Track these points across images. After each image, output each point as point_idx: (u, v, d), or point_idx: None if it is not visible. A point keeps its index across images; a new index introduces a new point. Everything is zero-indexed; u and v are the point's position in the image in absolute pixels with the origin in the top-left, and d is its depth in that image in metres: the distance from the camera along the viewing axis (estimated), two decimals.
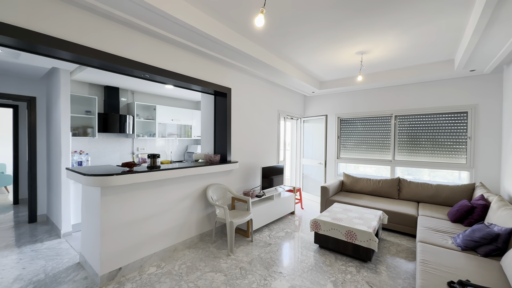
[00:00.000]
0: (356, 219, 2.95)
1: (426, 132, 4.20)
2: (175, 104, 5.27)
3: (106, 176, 2.06)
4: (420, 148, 4.25)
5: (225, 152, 3.46)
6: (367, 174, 4.96)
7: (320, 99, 5.38)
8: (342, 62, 3.66)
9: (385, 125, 4.61)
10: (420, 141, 4.26)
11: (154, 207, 2.60)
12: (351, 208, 3.39)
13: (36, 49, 1.88)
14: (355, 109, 4.89)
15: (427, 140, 4.19)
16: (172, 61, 2.69)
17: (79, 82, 3.88)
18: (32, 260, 2.57)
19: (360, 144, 4.90)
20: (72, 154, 3.52)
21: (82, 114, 3.82)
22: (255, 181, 4.05)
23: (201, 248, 2.89)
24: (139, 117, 4.50)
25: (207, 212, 3.21)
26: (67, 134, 3.20)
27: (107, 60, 2.13)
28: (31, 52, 1.93)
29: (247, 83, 3.83)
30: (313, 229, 2.95)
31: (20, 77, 3.57)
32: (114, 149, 4.28)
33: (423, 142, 4.23)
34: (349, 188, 4.57)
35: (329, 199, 4.11)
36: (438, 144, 4.10)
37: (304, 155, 5.55)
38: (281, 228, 3.60)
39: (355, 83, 4.44)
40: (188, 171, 2.80)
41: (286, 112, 4.91)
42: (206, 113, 3.75)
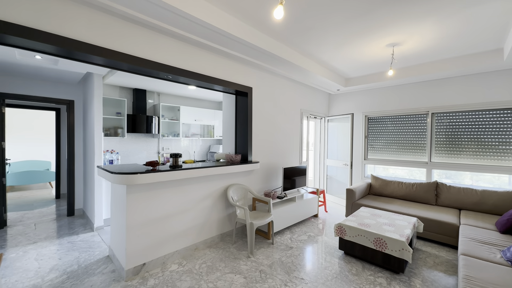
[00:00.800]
0: (386, 225, 2.72)
1: (469, 131, 3.75)
2: (198, 105, 5.39)
3: (131, 175, 2.14)
4: (462, 149, 3.82)
5: (246, 152, 3.43)
6: (398, 176, 4.59)
7: (345, 97, 5.12)
8: (370, 57, 3.42)
9: (420, 124, 4.22)
10: (461, 141, 3.82)
11: (176, 206, 2.65)
12: (380, 213, 3.14)
13: (73, 55, 2.00)
14: (385, 106, 4.56)
15: (470, 140, 3.75)
16: (194, 61, 2.72)
17: (111, 85, 4.14)
18: (68, 252, 2.77)
19: (390, 145, 4.55)
20: (104, 153, 3.75)
21: (113, 115, 4.06)
22: (276, 182, 3.96)
23: (221, 248, 2.88)
24: (164, 117, 4.67)
25: (227, 212, 3.21)
26: (99, 134, 3.42)
27: (135, 63, 2.21)
28: (69, 58, 2.07)
29: (268, 82, 3.76)
30: (337, 234, 2.78)
31: (60, 82, 3.91)
32: (142, 149, 4.49)
33: (465, 142, 3.78)
34: (378, 192, 4.27)
35: (356, 203, 3.87)
36: (483, 144, 3.64)
37: (328, 156, 5.32)
38: (303, 231, 3.47)
39: (384, 79, 4.13)
40: (209, 170, 2.81)
41: (309, 111, 4.74)
42: (227, 113, 3.76)
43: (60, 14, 1.81)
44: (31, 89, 3.67)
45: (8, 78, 3.45)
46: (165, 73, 2.49)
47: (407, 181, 4.09)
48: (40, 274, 2.31)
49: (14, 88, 3.51)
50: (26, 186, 6.36)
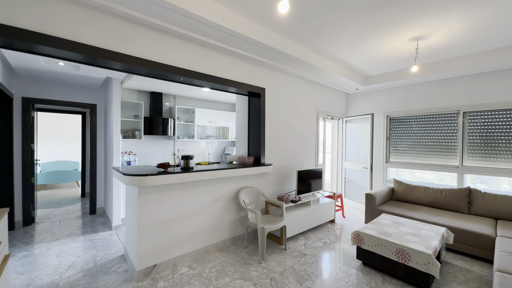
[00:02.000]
0: (410, 235, 2.49)
1: (508, 132, 3.36)
2: (212, 107, 5.43)
3: (142, 176, 2.16)
4: (499, 151, 3.42)
5: (259, 154, 3.35)
6: (424, 181, 4.24)
7: (365, 96, 4.85)
8: (391, 53, 3.19)
9: (449, 124, 3.87)
10: (498, 143, 3.43)
11: (187, 208, 2.64)
12: (403, 221, 2.89)
13: (94, 61, 2.09)
14: (409, 106, 4.24)
15: (509, 142, 3.35)
16: (205, 63, 2.70)
17: (129, 89, 4.29)
18: (86, 249, 2.88)
19: (415, 147, 4.22)
20: (122, 154, 3.89)
21: (131, 118, 4.20)
22: (291, 185, 3.84)
23: (232, 252, 2.83)
24: (180, 120, 4.75)
25: (239, 215, 3.15)
26: (117, 136, 3.54)
27: (149, 67, 2.25)
28: (90, 64, 2.15)
29: (282, 82, 3.67)
30: (354, 242, 2.60)
31: (83, 87, 4.12)
32: (158, 150, 4.60)
33: (503, 144, 3.39)
34: (401, 197, 3.97)
35: (376, 209, 3.63)
36: None
37: (346, 158, 5.08)
38: (318, 238, 3.31)
39: (408, 76, 3.84)
40: (220, 173, 2.77)
41: (325, 112, 4.56)
42: (240, 114, 3.72)
43: (80, 22, 1.87)
44: (58, 94, 3.91)
45: (36, 84, 3.71)
46: (176, 76, 2.50)
47: (435, 186, 3.76)
48: (59, 271, 2.41)
49: (42, 94, 3.76)
50: (56, 185, 6.80)
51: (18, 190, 3.55)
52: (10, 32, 1.62)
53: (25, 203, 3.60)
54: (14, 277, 2.28)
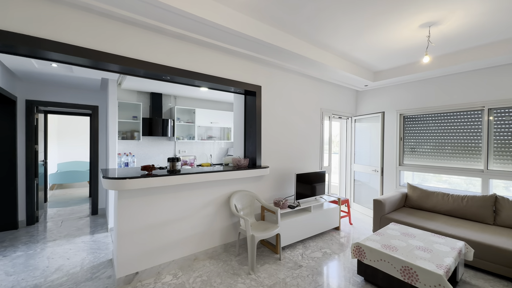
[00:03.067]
0: (419, 250, 2.17)
1: None
2: (214, 107, 5.31)
3: (120, 180, 2.05)
4: None
5: (255, 156, 3.16)
6: (449, 186, 3.81)
7: (375, 93, 4.48)
8: (400, 43, 2.85)
9: (472, 122, 3.42)
10: None
11: (174, 213, 2.51)
12: (414, 233, 2.56)
13: (90, 64, 2.09)
14: (425, 102, 3.83)
15: None
16: (195, 61, 2.56)
17: (128, 90, 4.29)
18: (77, 252, 2.85)
19: (433, 148, 3.80)
20: (120, 155, 3.87)
21: (130, 119, 4.19)
22: (290, 189, 3.60)
23: (222, 261, 2.65)
24: (180, 120, 4.68)
25: (232, 221, 2.97)
26: (114, 138, 3.52)
27: (132, 65, 2.15)
28: (84, 66, 2.14)
29: (280, 80, 3.44)
30: (355, 255, 2.32)
31: (85, 89, 4.17)
32: (158, 151, 4.56)
33: None
34: (416, 204, 3.57)
35: (385, 217, 3.28)
36: None
37: (356, 160, 4.73)
38: (319, 247, 3.04)
39: (422, 69, 3.45)
40: (210, 176, 2.61)
41: (331, 111, 4.26)
42: (237, 114, 3.55)
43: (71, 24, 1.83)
44: (60, 96, 3.98)
45: (38, 86, 3.79)
46: (163, 74, 2.38)
47: (455, 192, 3.33)
48: (45, 274, 2.38)
49: (45, 96, 3.84)
50: (71, 184, 7.07)
51: (22, 190, 3.64)
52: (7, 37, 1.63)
53: (28, 203, 3.68)
54: (2, 278, 2.28)
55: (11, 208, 3.48)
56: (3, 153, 3.41)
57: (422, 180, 4.14)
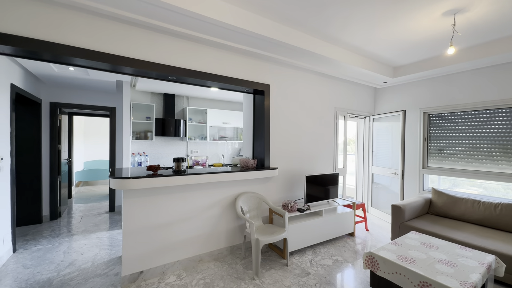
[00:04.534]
0: (442, 263, 1.94)
1: None
2: (226, 107, 5.30)
3: (125, 179, 2.08)
4: None
5: (263, 157, 3.07)
6: (476, 191, 3.43)
7: (396, 90, 4.17)
8: (421, 34, 2.60)
9: (510, 121, 3.04)
10: None
11: (179, 213, 2.51)
12: (436, 243, 2.31)
13: (111, 68, 2.19)
14: (453, 100, 3.47)
15: None
16: (201, 60, 2.54)
17: (142, 92, 4.41)
18: (91, 247, 2.97)
19: (464, 150, 3.44)
20: (134, 155, 3.99)
21: (144, 120, 4.30)
22: (300, 192, 3.45)
23: (227, 263, 2.60)
24: (192, 121, 4.73)
25: (239, 223, 2.91)
26: (127, 138, 3.63)
27: (134, 66, 2.17)
28: (99, 69, 2.22)
29: (290, 78, 3.32)
30: (367, 266, 2.14)
31: (104, 91, 4.36)
32: (171, 151, 4.64)
33: None
34: (441, 212, 3.25)
35: (405, 224, 3.02)
36: None
37: (374, 162, 4.44)
38: (330, 254, 2.87)
39: (448, 63, 3.12)
40: (215, 177, 2.57)
41: (347, 110, 4.04)
42: (246, 114, 3.49)
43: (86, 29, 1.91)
44: (81, 98, 4.20)
45: (61, 89, 4.03)
46: (169, 75, 2.39)
47: (487, 200, 2.98)
48: (59, 268, 2.49)
49: (67, 98, 4.07)
50: (95, 182, 7.48)
51: (46, 187, 3.89)
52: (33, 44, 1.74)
53: (52, 199, 3.93)
54: (19, 271, 2.42)
55: (36, 203, 3.73)
56: (29, 152, 3.66)
57: (453, 184, 3.76)
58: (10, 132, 2.71)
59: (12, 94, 2.77)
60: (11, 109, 2.73)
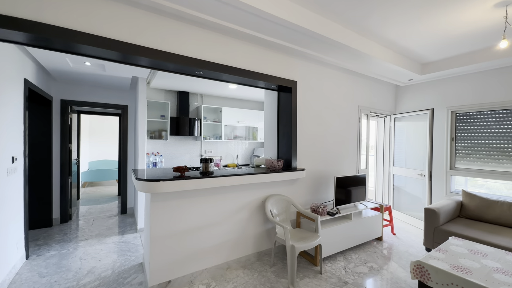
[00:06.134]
0: (498, 273, 1.79)
1: None
2: (241, 106, 5.14)
3: (153, 182, 1.91)
4: None
5: (290, 158, 2.91)
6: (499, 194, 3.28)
7: (420, 88, 4.02)
8: (466, 27, 2.44)
9: None
10: None
11: (207, 217, 2.34)
12: (484, 250, 2.15)
13: (122, 58, 1.98)
14: (484, 97, 3.32)
15: None
16: (227, 54, 2.38)
17: (156, 89, 4.24)
18: (108, 253, 2.80)
19: (493, 150, 3.29)
20: (149, 155, 3.82)
21: (158, 118, 4.13)
22: (326, 194, 3.30)
23: (257, 271, 2.44)
24: (206, 119, 4.56)
25: (266, 227, 2.75)
26: (143, 137, 3.46)
27: (166, 60, 2.01)
28: (116, 61, 2.05)
29: (316, 74, 3.16)
30: (415, 276, 1.98)
31: (115, 89, 4.19)
32: (185, 151, 4.47)
33: None
34: (474, 215, 3.10)
35: (440, 229, 2.87)
36: None
37: (395, 163, 4.29)
38: (362, 260, 2.71)
39: (487, 58, 2.96)
40: (245, 178, 2.41)
41: (369, 109, 3.88)
42: (269, 112, 3.32)
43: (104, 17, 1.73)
44: (92, 96, 4.02)
45: (72, 86, 3.85)
46: (196, 69, 2.22)
47: None
48: (78, 277, 2.32)
49: (78, 96, 3.90)
50: (101, 182, 7.30)
51: (56, 188, 3.71)
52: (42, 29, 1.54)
53: (62, 201, 3.75)
54: (35, 280, 2.25)
55: (46, 205, 3.55)
56: (40, 152, 3.48)
57: (481, 186, 3.61)
58: (24, 131, 2.54)
59: (26, 91, 2.59)
60: (24, 107, 2.55)
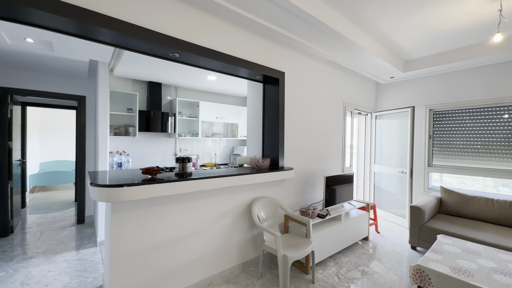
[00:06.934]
0: (497, 273, 1.73)
1: None
2: (220, 100, 4.77)
3: (115, 188, 1.50)
4: None
5: (276, 156, 2.66)
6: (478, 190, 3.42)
7: (400, 86, 4.05)
8: (455, 22, 2.39)
9: None
10: None
11: (184, 227, 1.98)
12: (475, 249, 2.12)
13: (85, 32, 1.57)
14: (461, 96, 3.42)
15: None
16: (209, 35, 2.03)
17: (121, 78, 3.69)
18: (58, 275, 2.27)
19: (468, 147, 3.40)
20: (112, 154, 3.29)
21: (124, 112, 3.60)
22: (313, 194, 3.12)
23: (243, 285, 2.14)
24: (182, 115, 4.11)
25: (251, 233, 2.46)
26: (104, 133, 2.94)
27: (138, 37, 1.61)
28: (66, 33, 1.57)
29: (303, 66, 2.96)
30: (415, 281, 1.85)
31: (70, 76, 3.55)
32: (156, 150, 3.98)
33: None
34: (454, 211, 3.16)
35: (425, 226, 2.85)
36: None
37: (376, 161, 4.30)
38: (353, 264, 2.57)
39: (466, 56, 3.01)
40: (229, 180, 2.09)
41: (353, 105, 3.80)
42: (253, 106, 3.03)
43: None
44: (41, 84, 3.35)
45: (13, 71, 3.16)
46: (172, 49, 1.84)
47: (500, 198, 2.93)
48: None
49: (22, 83, 3.21)
50: (54, 187, 6.35)
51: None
52: None
53: (1, 210, 3.05)
54: None
55: None
56: None
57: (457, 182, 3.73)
58: None
59: None
60: None
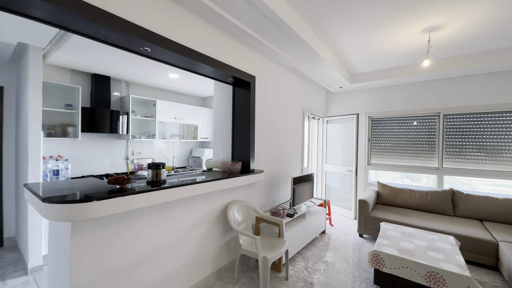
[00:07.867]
0: (430, 250, 2.19)
1: (485, 134, 3.47)
2: (178, 100, 4.46)
3: (81, 203, 1.25)
4: (477, 153, 3.52)
5: (247, 159, 2.68)
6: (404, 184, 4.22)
7: (346, 95, 4.63)
8: (395, 45, 2.90)
9: (429, 126, 3.88)
10: (477, 145, 3.52)
11: (157, 241, 1.79)
12: (410, 232, 2.62)
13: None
14: (391, 106, 4.15)
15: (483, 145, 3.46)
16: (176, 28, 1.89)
17: (57, 67, 3.05)
18: None
19: (396, 148, 4.15)
20: (45, 160, 2.69)
21: (61, 108, 2.98)
22: (278, 195, 3.27)
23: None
24: (135, 114, 3.67)
25: (225, 238, 2.41)
26: (36, 134, 2.37)
27: (88, 16, 1.34)
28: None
29: (271, 71, 3.07)
30: (373, 265, 2.17)
31: None
32: (104, 153, 3.44)
33: (482, 145, 3.49)
34: (388, 201, 3.82)
35: (369, 216, 3.35)
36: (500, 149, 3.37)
37: (327, 161, 4.80)
38: (317, 256, 2.81)
39: (399, 74, 3.67)
40: (208, 186, 2.00)
41: (310, 110, 4.15)
42: (220, 109, 2.97)
43: None
44: None
45: None
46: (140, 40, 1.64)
47: (419, 189, 3.69)
48: None
49: None
50: None
51: None
52: None
53: None
54: None
55: None
56: None
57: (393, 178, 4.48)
58: None
59: None
60: None
